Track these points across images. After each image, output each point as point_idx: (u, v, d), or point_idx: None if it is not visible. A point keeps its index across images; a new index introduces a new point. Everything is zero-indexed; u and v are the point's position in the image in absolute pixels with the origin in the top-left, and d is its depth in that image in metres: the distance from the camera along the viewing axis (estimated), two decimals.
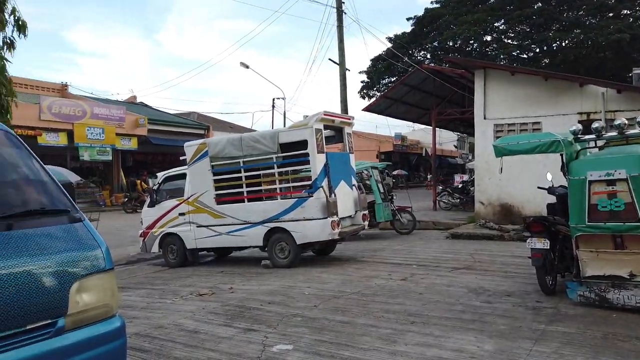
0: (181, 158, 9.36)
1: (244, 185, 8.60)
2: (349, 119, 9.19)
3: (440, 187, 19.12)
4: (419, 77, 16.63)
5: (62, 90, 27.66)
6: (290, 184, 8.69)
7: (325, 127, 8.43)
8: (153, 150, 27.50)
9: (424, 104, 18.37)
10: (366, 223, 9.15)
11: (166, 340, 4.62)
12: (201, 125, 31.09)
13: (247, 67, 26.42)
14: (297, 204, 8.08)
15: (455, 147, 59.55)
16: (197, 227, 8.99)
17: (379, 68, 36.82)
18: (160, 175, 9.91)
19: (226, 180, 8.76)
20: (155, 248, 9.60)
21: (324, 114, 8.20)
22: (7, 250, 2.24)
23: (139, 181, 23.39)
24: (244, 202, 8.61)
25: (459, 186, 19.65)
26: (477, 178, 12.92)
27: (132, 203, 22.44)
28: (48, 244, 2.44)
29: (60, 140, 22.02)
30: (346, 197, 8.65)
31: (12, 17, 6.02)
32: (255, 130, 18.55)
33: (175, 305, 6.01)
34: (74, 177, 13.91)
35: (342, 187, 8.55)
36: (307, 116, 8.28)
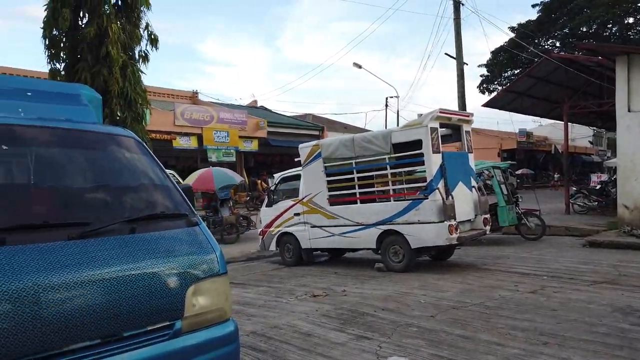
0: (296, 159, 9.56)
1: (357, 187, 8.50)
2: (468, 116, 8.60)
3: (574, 188, 17.22)
4: (547, 67, 15.13)
5: (193, 97, 30.29)
6: (404, 185, 8.40)
7: (442, 126, 7.99)
8: (272, 151, 28.86)
9: (553, 96, 16.69)
10: (488, 228, 8.48)
11: (281, 342, 4.67)
12: (316, 126, 31.90)
13: (360, 67, 26.46)
14: (412, 206, 7.76)
15: (591, 143, 53.61)
16: (312, 227, 9.11)
17: (500, 60, 34.48)
18: (277, 176, 10.24)
19: (339, 182, 8.74)
20: (272, 246, 9.95)
21: (440, 112, 7.77)
22: (132, 252, 2.34)
23: (259, 181, 24.71)
24: (356, 203, 8.52)
25: (597, 187, 17.55)
26: (620, 178, 11.31)
27: (253, 202, 23.75)
28: (169, 247, 2.52)
29: (192, 143, 24.09)
30: (465, 199, 8.10)
31: (145, 32, 6.63)
32: (368, 130, 18.43)
33: (290, 305, 6.10)
34: (238, 178, 15.08)
35: (460, 188, 8.03)
36: (421, 114, 7.93)
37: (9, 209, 2.31)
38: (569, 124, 17.21)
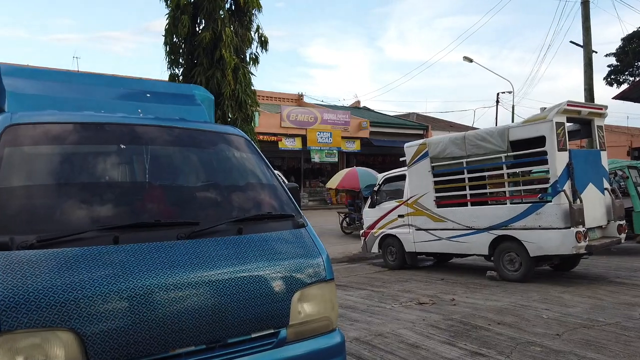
0: (401, 159, 9.22)
1: (467, 188, 7.93)
2: (601, 109, 7.60)
3: None
4: None
5: (298, 99, 31.13)
6: (522, 187, 7.66)
7: (569, 120, 7.13)
8: (375, 151, 28.61)
9: None
10: (623, 236, 7.41)
11: (386, 352, 4.41)
12: (420, 125, 31.01)
13: (471, 60, 25.18)
14: (531, 210, 7.03)
15: None
16: (416, 230, 8.71)
17: (632, 48, 30.62)
18: (380, 176, 9.98)
19: (447, 182, 8.23)
20: (375, 248, 9.71)
21: (568, 104, 6.93)
22: (239, 253, 2.26)
23: None
24: (467, 205, 7.95)
25: None
26: None
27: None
28: (275, 249, 2.41)
29: (296, 144, 24.71)
30: (595, 203, 7.16)
31: (256, 34, 6.78)
32: (476, 128, 17.37)
33: (395, 312, 5.81)
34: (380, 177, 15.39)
35: (591, 191, 7.11)
36: (544, 108, 7.13)
37: (124, 208, 2.36)
38: None
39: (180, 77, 7.09)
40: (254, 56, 6.85)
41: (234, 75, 6.31)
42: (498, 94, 30.53)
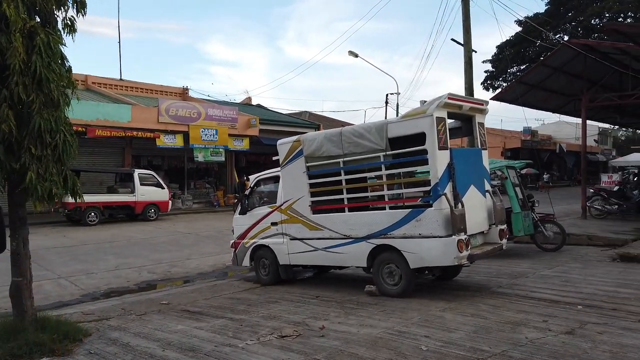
0: (274, 158, 8.03)
1: (344, 191, 6.96)
2: (482, 104, 7.05)
3: (592, 190, 15.65)
4: (564, 56, 13.62)
5: (182, 93, 28.73)
6: (403, 190, 6.87)
7: (450, 116, 6.44)
8: (265, 150, 27.27)
9: (569, 89, 15.16)
10: (504, 242, 6.92)
11: None
12: (312, 124, 30.35)
13: (357, 55, 25.12)
14: (411, 216, 6.21)
15: (596, 142, 52.21)
16: (291, 239, 7.57)
17: (506, 55, 32.87)
18: (253, 177, 8.70)
19: (323, 185, 7.20)
20: (246, 261, 8.41)
21: (449, 97, 6.22)
22: None
23: (247, 182, 23.12)
24: (344, 211, 6.97)
25: (614, 189, 16.03)
26: None
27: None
28: None
29: (177, 142, 22.54)
30: (477, 207, 6.57)
31: None
32: None
33: (246, 355, 4.54)
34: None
35: (472, 193, 6.49)
36: (425, 102, 6.35)
37: None
38: (575, 120, 15.68)
39: None
40: (69, 22, 5.14)
41: (28, 42, 4.59)
42: (387, 95, 31.01)
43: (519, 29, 30.87)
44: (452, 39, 14.02)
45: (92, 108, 19.76)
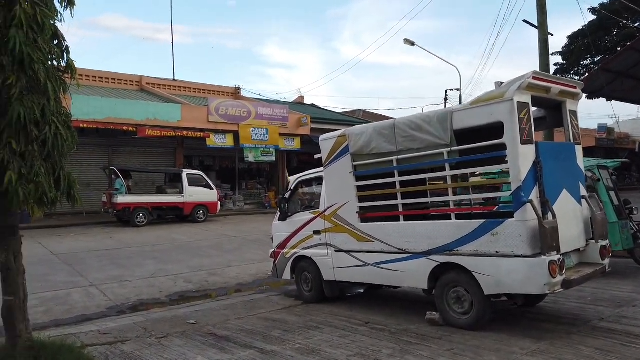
0: (316, 156, 6.96)
1: (399, 196, 5.74)
2: (574, 87, 5.60)
3: None
4: None
5: (235, 93, 28.42)
6: (472, 195, 5.56)
7: (534, 102, 5.06)
8: (317, 150, 26.33)
9: None
10: (607, 262, 5.40)
11: None
12: (366, 122, 29.09)
13: (413, 44, 23.64)
14: (486, 228, 4.90)
15: None
16: (336, 251, 6.45)
17: (577, 46, 30.04)
18: (292, 179, 7.66)
19: (373, 188, 6.02)
20: (287, 274, 7.38)
21: (534, 77, 4.85)
22: None
23: None
24: (398, 220, 5.76)
25: None
26: None
27: None
28: None
29: (227, 141, 22.05)
30: (572, 217, 5.15)
31: None
32: None
33: None
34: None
35: (565, 200, 5.08)
36: (502, 83, 5.01)
37: None
38: None
39: None
40: None
41: (7, 14, 3.77)
42: (446, 91, 29.22)
43: (592, 17, 28.04)
44: (525, 20, 12.34)
45: (142, 107, 19.65)
